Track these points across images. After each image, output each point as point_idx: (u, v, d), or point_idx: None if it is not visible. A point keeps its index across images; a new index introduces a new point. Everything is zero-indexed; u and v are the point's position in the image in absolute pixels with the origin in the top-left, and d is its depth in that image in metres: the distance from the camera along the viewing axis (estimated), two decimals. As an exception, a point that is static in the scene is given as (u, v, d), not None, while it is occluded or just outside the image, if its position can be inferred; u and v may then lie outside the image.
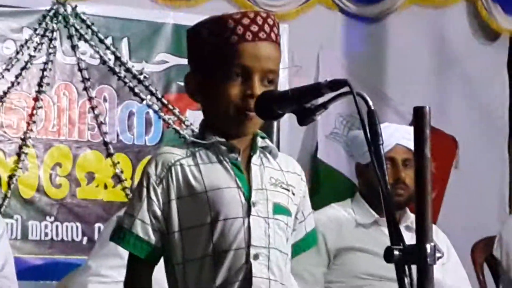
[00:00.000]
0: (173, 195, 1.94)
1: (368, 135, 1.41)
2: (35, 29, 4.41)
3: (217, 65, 1.96)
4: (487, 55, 5.59)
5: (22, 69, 4.31)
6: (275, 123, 4.56)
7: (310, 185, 3.82)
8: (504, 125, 5.63)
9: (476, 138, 5.47)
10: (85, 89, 4.42)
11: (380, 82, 5.30)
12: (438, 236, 3.56)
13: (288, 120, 3.93)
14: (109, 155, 4.49)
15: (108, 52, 4.53)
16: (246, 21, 1.96)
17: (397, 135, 3.39)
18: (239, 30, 1.96)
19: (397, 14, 5.26)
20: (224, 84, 1.91)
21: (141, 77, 4.61)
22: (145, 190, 1.92)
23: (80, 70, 4.46)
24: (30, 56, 4.34)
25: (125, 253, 2.00)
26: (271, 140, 2.52)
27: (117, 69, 4.53)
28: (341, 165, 4.87)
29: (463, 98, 5.48)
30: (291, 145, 4.93)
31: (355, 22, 5.28)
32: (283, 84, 4.32)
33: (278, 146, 4.41)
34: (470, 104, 5.56)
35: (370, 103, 1.37)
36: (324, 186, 4.88)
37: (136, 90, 4.57)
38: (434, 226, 4.03)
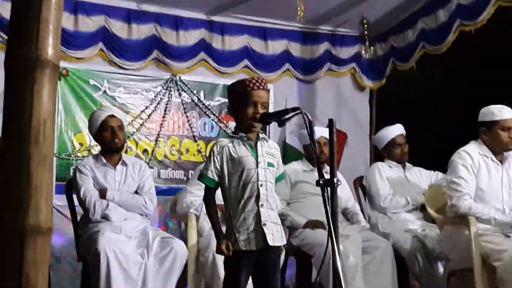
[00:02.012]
0: (224, 160, 3.10)
1: (309, 131, 2.82)
2: (163, 86, 6.22)
3: (242, 100, 3.10)
4: (359, 96, 7.18)
5: (158, 103, 6.17)
6: (267, 126, 6.30)
7: (282, 154, 4.32)
8: (366, 126, 7.08)
9: (353, 133, 6.91)
10: (185, 112, 6.30)
11: (313, 109, 6.82)
12: (339, 175, 4.15)
13: (273, 125, 5.76)
14: (195, 141, 6.30)
15: (195, 96, 6.36)
16: (254, 81, 3.11)
17: (320, 131, 4.97)
18: (251, 84, 3.08)
19: (320, 79, 6.95)
20: (245, 109, 3.08)
21: (209, 107, 6.37)
22: (212, 157, 3.11)
23: (182, 104, 6.29)
24: (161, 98, 6.21)
25: (202, 185, 3.22)
26: (265, 134, 4.18)
27: (199, 104, 6.37)
28: (296, 145, 6.32)
29: (350, 114, 6.99)
30: (275, 136, 6.43)
31: (301, 83, 6.93)
32: (270, 109, 4.71)
33: (268, 136, 5.17)
34: (352, 117, 7.09)
35: (310, 117, 2.79)
36: (289, 154, 6.19)
37: (207, 113, 6.37)
38: (338, 172, 4.88)
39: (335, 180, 2.71)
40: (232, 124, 5.11)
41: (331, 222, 2.65)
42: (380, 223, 5.11)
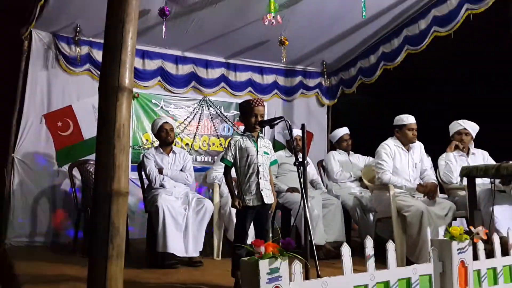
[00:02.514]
0: (237, 148, 3.09)
1: (289, 131, 3.12)
2: (198, 104, 6.15)
3: (248, 112, 3.10)
4: (321, 110, 6.97)
5: (195, 114, 6.09)
6: (263, 128, 5.69)
7: (272, 146, 3.94)
8: (325, 129, 6.86)
9: (317, 133, 6.77)
10: (212, 120, 6.22)
11: (292, 118, 6.58)
12: (308, 159, 4.21)
13: (267, 128, 5.24)
14: (218, 138, 6.21)
15: (218, 110, 6.25)
16: (255, 100, 3.11)
17: (296, 132, 4.81)
18: (253, 103, 3.08)
19: (296, 99, 6.77)
20: (250, 118, 3.09)
21: (227, 116, 6.28)
22: (230, 146, 3.09)
23: (210, 115, 6.20)
24: (197, 111, 6.12)
25: (223, 164, 3.21)
26: (263, 133, 5.31)
27: (221, 115, 6.28)
28: (281, 140, 6.02)
29: (315, 121, 6.80)
30: (268, 135, 6.36)
31: (284, 102, 6.74)
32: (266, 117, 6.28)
33: (264, 135, 5.73)
34: (317, 123, 6.79)
35: (289, 123, 2.98)
36: (276, 146, 5.94)
37: (226, 120, 6.27)
38: (308, 157, 6.05)
39: (305, 162, 2.78)
40: (241, 128, 4.91)
41: (303, 189, 2.71)
42: (333, 189, 5.07)
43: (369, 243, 2.20)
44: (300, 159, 2.76)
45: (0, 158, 4.73)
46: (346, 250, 2.15)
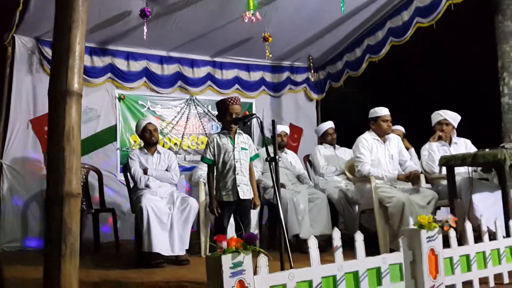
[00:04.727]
0: (215, 146, 3.15)
1: (260, 128, 2.86)
2: (185, 103, 6.17)
3: (224, 111, 3.15)
4: (310, 105, 7.02)
5: (182, 114, 6.11)
6: (252, 127, 6.20)
7: (262, 142, 5.40)
8: (314, 123, 6.75)
9: (306, 128, 6.75)
10: (200, 119, 6.23)
11: (281, 114, 6.70)
12: (292, 154, 5.17)
13: (255, 125, 5.93)
14: (207, 136, 6.08)
15: (205, 109, 6.24)
16: (232, 99, 3.15)
17: (282, 128, 5.04)
18: (229, 101, 3.13)
19: (284, 95, 6.78)
20: (226, 116, 3.14)
21: (214, 115, 5.61)
22: (209, 145, 3.16)
23: (198, 114, 6.20)
24: (184, 110, 6.14)
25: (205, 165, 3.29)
26: (251, 132, 5.48)
27: (208, 113, 6.25)
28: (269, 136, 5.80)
29: (304, 116, 6.85)
30: (257, 131, 6.30)
31: (272, 98, 6.75)
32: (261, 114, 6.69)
33: (252, 133, 6.21)
34: (306, 118, 6.92)
35: (261, 119, 2.85)
36: (267, 143, 6.04)
37: (213, 118, 6.13)
38: (292, 152, 5.17)
39: (277, 157, 2.82)
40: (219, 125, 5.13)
41: (275, 184, 2.77)
42: (320, 183, 5.11)
43: (336, 234, 2.25)
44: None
45: (-12, 164, 4.73)
46: (313, 242, 2.20)
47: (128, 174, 4.40)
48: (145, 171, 4.30)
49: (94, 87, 5.55)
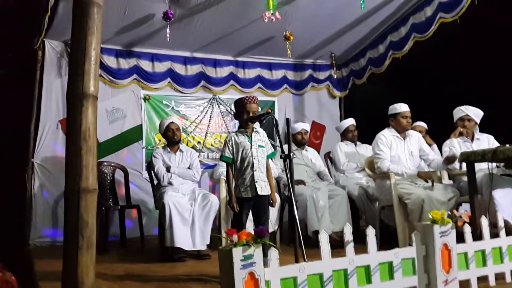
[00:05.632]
0: (233, 145, 3.18)
1: (275, 126, 3.14)
2: (208, 102, 6.25)
3: (242, 109, 3.17)
4: (332, 102, 7.02)
5: (205, 113, 6.19)
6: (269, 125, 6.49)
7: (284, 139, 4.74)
8: (337, 120, 6.57)
9: (329, 125, 6.70)
10: (222, 118, 6.30)
11: (303, 111, 6.74)
12: (313, 151, 5.18)
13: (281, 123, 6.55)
14: (228, 133, 5.91)
15: (228, 107, 6.26)
16: (249, 98, 3.16)
17: (302, 125, 5.05)
18: (246, 100, 3.15)
19: (307, 92, 6.80)
20: (243, 115, 3.17)
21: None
22: (227, 144, 3.19)
23: (221, 112, 6.28)
24: (207, 109, 6.21)
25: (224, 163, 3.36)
26: (275, 130, 5.62)
27: (231, 112, 6.17)
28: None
29: (327, 113, 6.84)
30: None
31: (295, 96, 6.78)
32: (276, 113, 6.16)
33: (277, 130, 5.72)
34: (328, 115, 6.84)
35: (276, 118, 3.12)
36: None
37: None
38: (314, 149, 5.13)
39: (291, 154, 2.91)
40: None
41: (289, 181, 2.83)
42: (341, 180, 5.09)
43: (347, 229, 2.29)
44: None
45: (21, 163, 4.86)
46: (323, 236, 2.24)
47: (152, 172, 4.50)
48: (168, 169, 4.39)
49: (120, 88, 5.72)
